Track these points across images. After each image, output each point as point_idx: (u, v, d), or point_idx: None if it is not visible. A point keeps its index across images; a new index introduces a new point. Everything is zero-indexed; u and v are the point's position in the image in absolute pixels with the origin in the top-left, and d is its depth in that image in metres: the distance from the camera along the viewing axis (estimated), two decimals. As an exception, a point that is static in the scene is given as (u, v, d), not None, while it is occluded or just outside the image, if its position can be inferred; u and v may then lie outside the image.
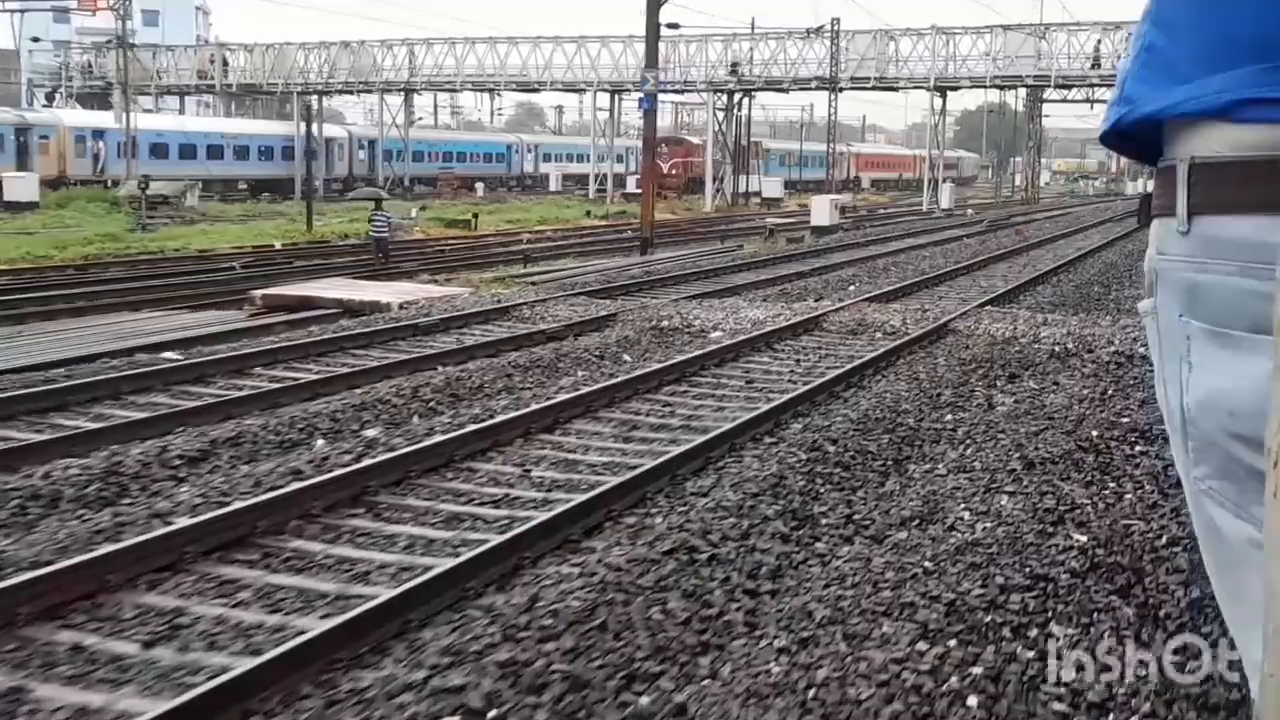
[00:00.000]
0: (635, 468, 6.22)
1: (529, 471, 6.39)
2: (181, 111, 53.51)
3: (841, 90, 42.78)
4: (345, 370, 9.49)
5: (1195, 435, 0.85)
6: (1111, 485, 6.43)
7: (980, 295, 15.50)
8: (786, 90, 42.91)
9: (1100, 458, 6.98)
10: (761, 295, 15.62)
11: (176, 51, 52.17)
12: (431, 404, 8.28)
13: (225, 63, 50.64)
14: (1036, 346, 11.30)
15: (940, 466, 6.74)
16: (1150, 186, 0.94)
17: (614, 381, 8.68)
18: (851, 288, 17.02)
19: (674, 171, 55.48)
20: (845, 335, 11.93)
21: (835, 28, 38.40)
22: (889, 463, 6.77)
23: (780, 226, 31.56)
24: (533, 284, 17.03)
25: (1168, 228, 0.87)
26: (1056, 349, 11.21)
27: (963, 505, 6.03)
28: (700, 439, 6.80)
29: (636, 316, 12.76)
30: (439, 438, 6.86)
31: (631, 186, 54.80)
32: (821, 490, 6.10)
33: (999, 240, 28.14)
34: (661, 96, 51.37)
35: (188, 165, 44.53)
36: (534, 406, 7.71)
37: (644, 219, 23.25)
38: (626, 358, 10.86)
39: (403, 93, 48.47)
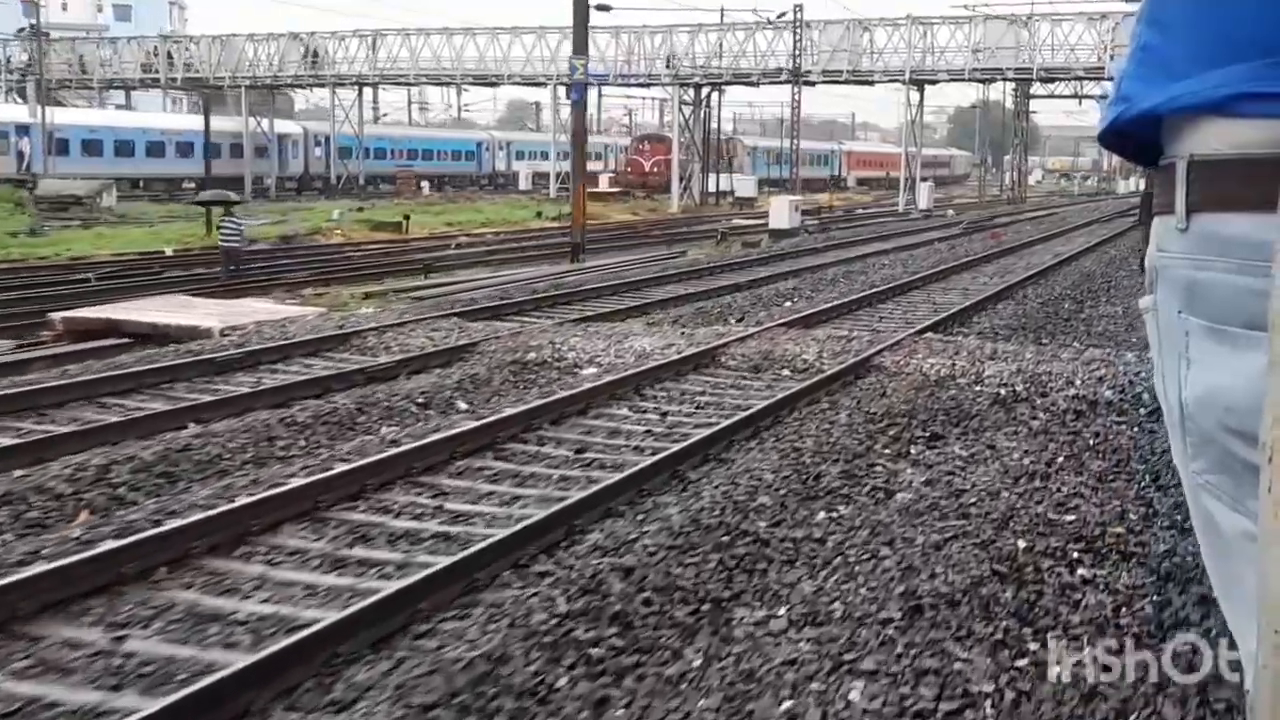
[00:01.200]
0: (275, 641, 3.95)
1: (121, 641, 4.10)
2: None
3: (812, 84, 40.55)
4: (60, 430, 7.22)
5: (1193, 430, 0.87)
6: (1030, 652, 4.18)
7: (928, 316, 13.25)
8: (756, 84, 40.64)
9: (1023, 593, 4.74)
10: (675, 315, 13.36)
11: (119, 44, 49.72)
12: (119, 491, 6.01)
13: (170, 56, 48.24)
14: (977, 390, 9.06)
15: (780, 615, 4.48)
16: (1141, 185, 0.97)
17: (382, 456, 6.40)
18: (787, 304, 14.77)
19: (655, 170, 54.00)
20: (742, 374, 9.67)
21: (798, 16, 36.06)
22: (703, 610, 4.50)
23: (739, 230, 29.34)
24: (417, 299, 14.76)
25: (1167, 225, 0.88)
26: (1001, 393, 8.98)
27: (788, 700, 3.80)
28: (422, 574, 4.53)
29: (502, 346, 10.49)
30: (36, 569, 4.59)
31: (604, 185, 52.66)
32: (562, 678, 3.83)
33: (972, 245, 25.91)
34: (640, 92, 49.08)
35: (124, 163, 42.22)
36: (223, 507, 5.43)
37: (575, 223, 20.98)
38: (463, 405, 8.62)
39: (357, 87, 46.10)
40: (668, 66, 38.12)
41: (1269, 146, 0.78)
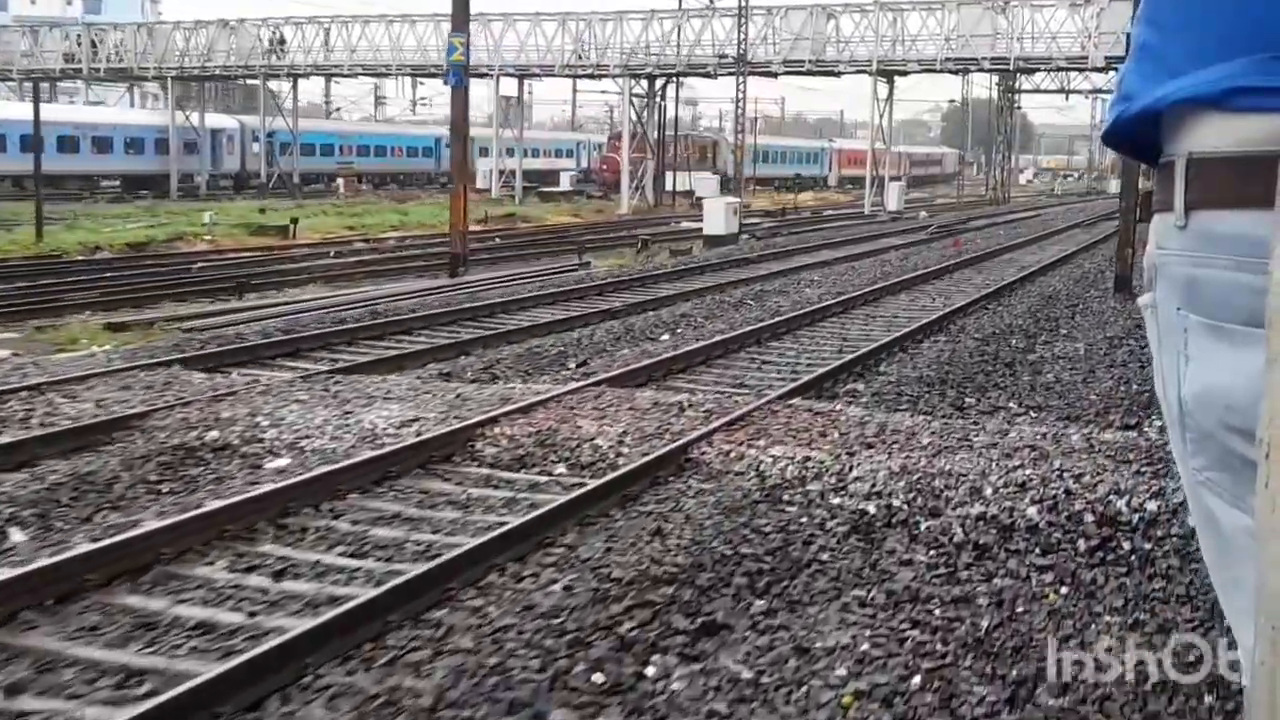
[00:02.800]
0: None
1: None
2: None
3: (774, 76, 37.40)
4: None
5: (1193, 427, 0.87)
6: None
7: (821, 363, 10.10)
8: (713, 75, 37.43)
9: None
10: (488, 361, 10.18)
11: (41, 33, 46.44)
12: None
13: (94, 44, 44.98)
14: (831, 507, 5.93)
15: None
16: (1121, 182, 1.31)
17: None
18: (663, 337, 11.66)
19: (633, 167, 52.53)
20: (493, 475, 6.50)
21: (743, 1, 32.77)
22: None
23: (674, 235, 26.21)
24: (190, 331, 11.60)
25: (1167, 223, 0.88)
26: (869, 511, 5.87)
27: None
28: None
29: (178, 420, 7.33)
30: None
31: (565, 184, 49.54)
32: None
33: (929, 255, 22.75)
34: (612, 84, 45.88)
35: (30, 159, 38.94)
36: None
37: (453, 230, 17.82)
38: (18, 535, 5.51)
39: (291, 78, 42.86)
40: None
41: (1266, 143, 0.78)
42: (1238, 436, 0.81)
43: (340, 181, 42.57)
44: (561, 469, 6.56)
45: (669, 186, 43.16)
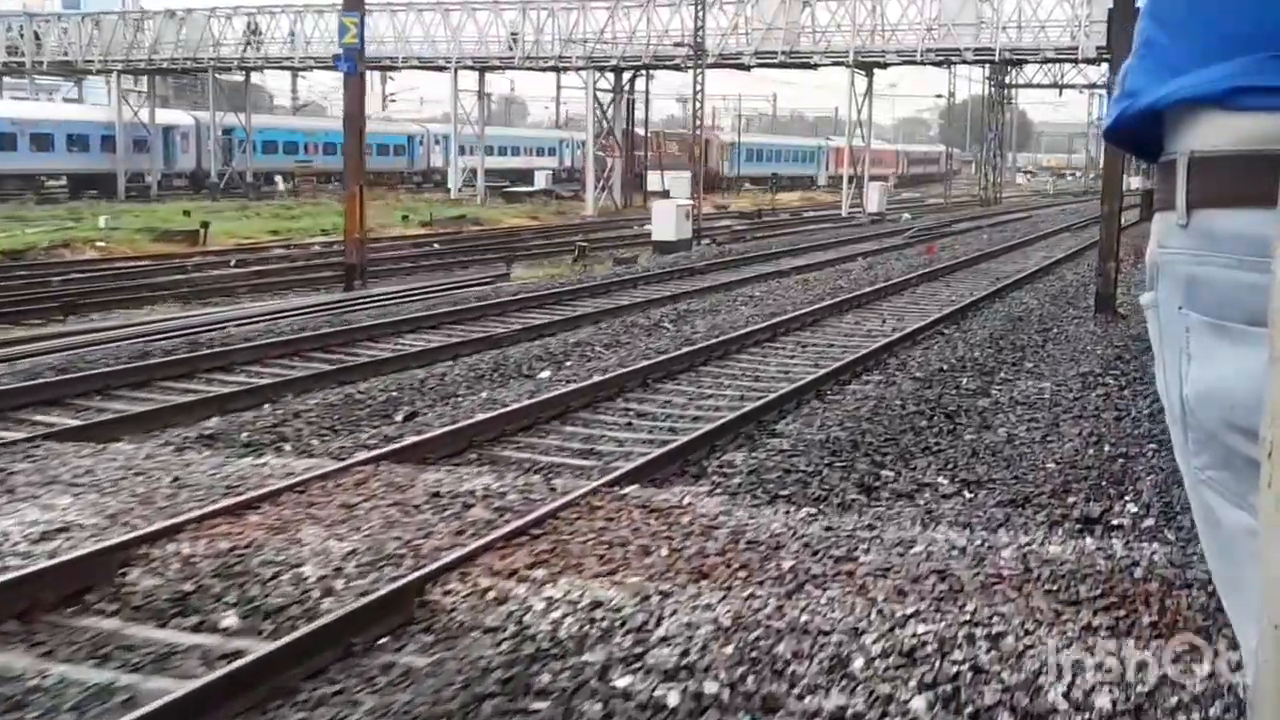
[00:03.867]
0: None
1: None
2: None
3: (746, 69, 35.23)
4: None
5: (1195, 426, 0.87)
6: None
7: (695, 423, 7.94)
8: (681, 68, 35.22)
9: None
10: (283, 415, 8.03)
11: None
12: None
13: (38, 37, 42.82)
14: (593, 709, 3.79)
15: None
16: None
17: None
18: (540, 375, 9.53)
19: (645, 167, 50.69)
20: (131, 628, 4.36)
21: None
22: None
23: (623, 241, 24.09)
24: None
25: (1168, 221, 0.89)
26: (655, 716, 3.74)
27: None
28: None
29: None
30: None
31: (541, 183, 47.38)
32: None
33: (897, 264, 20.59)
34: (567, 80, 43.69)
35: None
36: None
37: (348, 237, 15.68)
38: None
39: (242, 72, 40.67)
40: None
41: (1268, 142, 0.79)
42: (1240, 435, 0.82)
43: (279, 180, 40.24)
44: (231, 619, 4.42)
45: (650, 186, 41.21)
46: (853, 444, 7.37)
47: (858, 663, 4.03)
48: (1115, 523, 6.07)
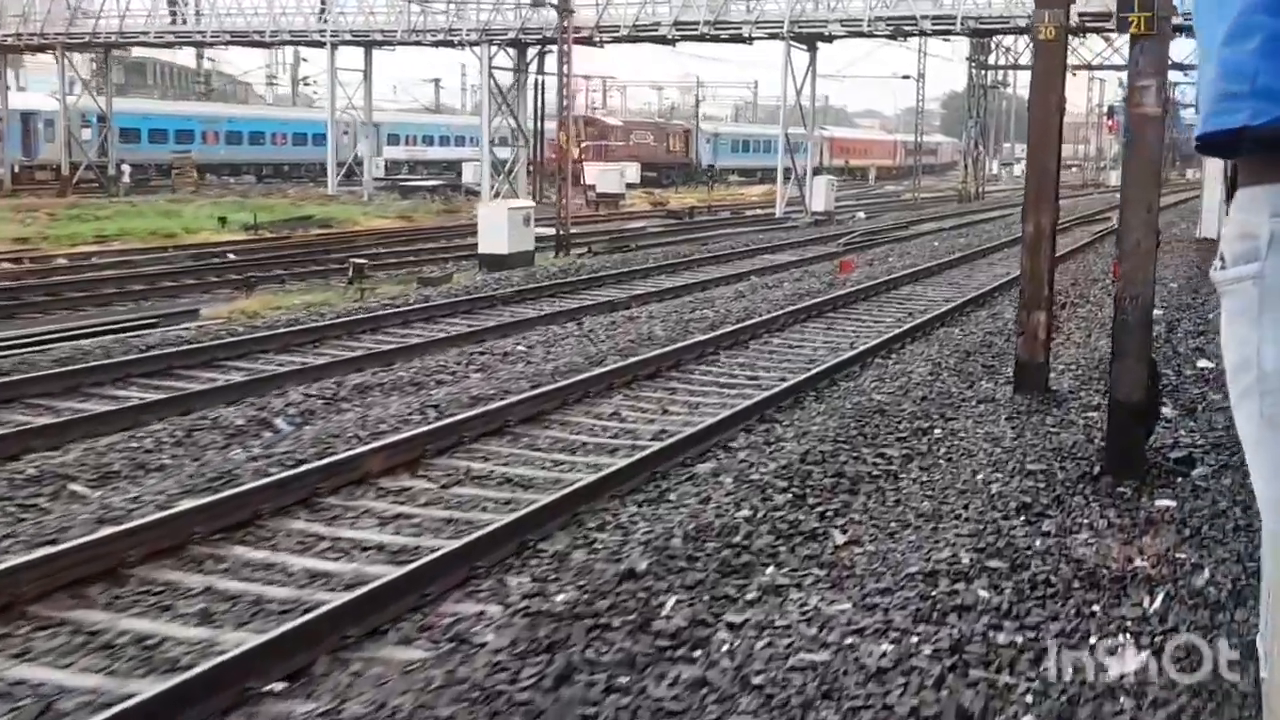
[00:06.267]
0: None
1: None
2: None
3: (670, 43, 29.93)
4: None
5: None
6: None
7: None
8: (597, 43, 29.93)
9: None
10: None
11: None
12: None
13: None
14: None
15: None
16: None
17: None
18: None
19: (585, 156, 44.95)
20: None
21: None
22: None
23: (445, 253, 18.88)
24: None
25: None
26: None
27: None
28: None
29: None
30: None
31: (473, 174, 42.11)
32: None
33: (787, 289, 15.22)
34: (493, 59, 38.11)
35: None
36: None
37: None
38: None
39: (103, 50, 35.42)
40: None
41: None
42: None
43: (125, 171, 34.93)
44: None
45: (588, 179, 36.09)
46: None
47: None
48: None
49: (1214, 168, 23.74)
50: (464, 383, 8.76)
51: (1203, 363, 9.70)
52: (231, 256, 19.42)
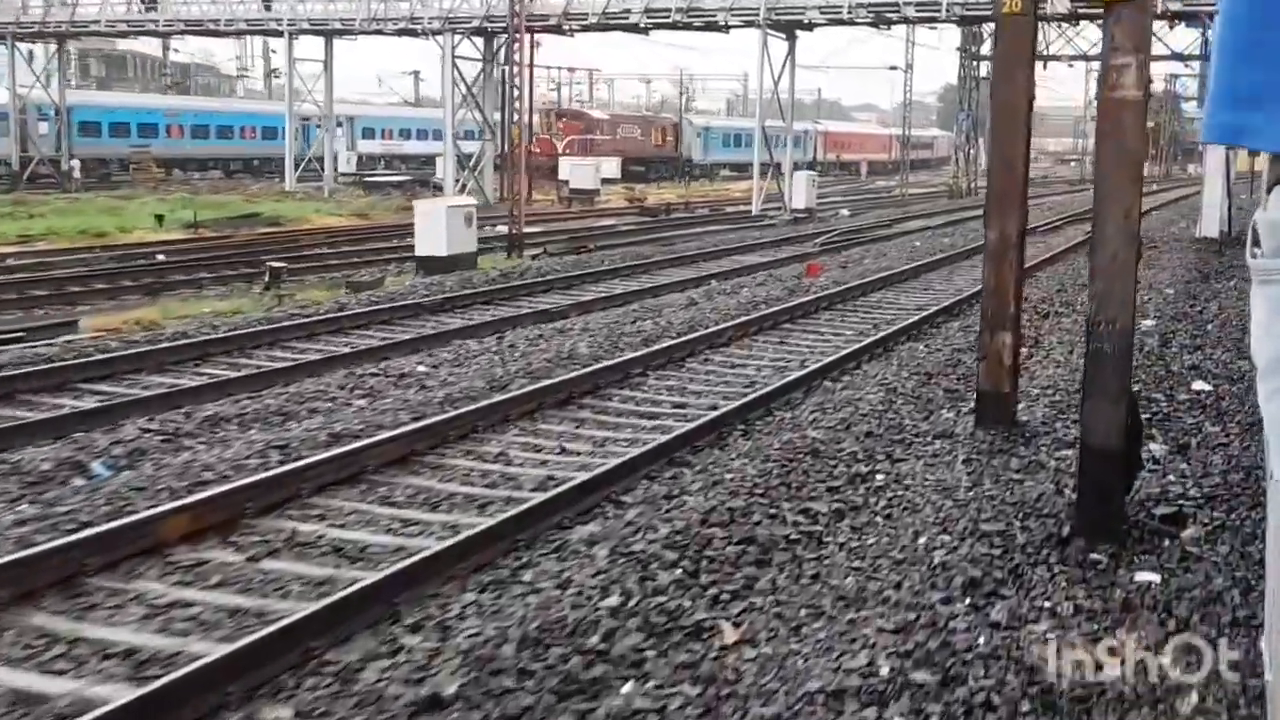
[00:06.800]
0: None
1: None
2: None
3: (643, 31, 28.67)
4: None
5: None
6: None
7: None
8: (566, 31, 28.67)
9: None
10: None
11: None
12: None
13: None
14: None
15: None
16: None
17: None
18: None
19: (570, 150, 45.42)
20: None
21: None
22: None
23: (386, 255, 17.64)
24: None
25: None
26: None
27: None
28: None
29: None
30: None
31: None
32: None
33: (742, 296, 13.99)
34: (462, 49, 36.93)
35: None
36: None
37: None
38: None
39: (54, 40, 34.08)
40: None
41: None
42: None
43: (76, 166, 33.60)
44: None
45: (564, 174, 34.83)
46: None
47: None
48: None
49: (1216, 163, 22.58)
50: (339, 414, 7.53)
51: (1199, 385, 8.49)
52: (161, 258, 18.16)
